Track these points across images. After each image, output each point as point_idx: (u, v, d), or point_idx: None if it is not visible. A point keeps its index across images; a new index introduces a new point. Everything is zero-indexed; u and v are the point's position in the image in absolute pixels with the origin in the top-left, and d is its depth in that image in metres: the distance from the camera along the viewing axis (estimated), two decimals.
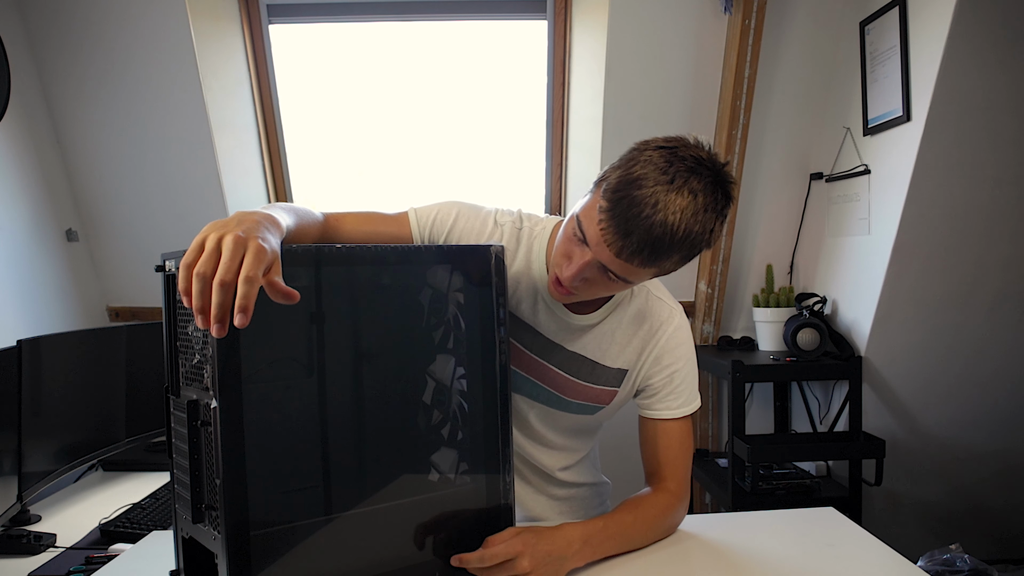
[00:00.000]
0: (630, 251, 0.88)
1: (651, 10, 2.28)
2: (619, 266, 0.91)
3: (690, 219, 0.87)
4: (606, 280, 0.95)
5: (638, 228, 0.86)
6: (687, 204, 0.86)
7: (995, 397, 2.36)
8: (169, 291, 0.86)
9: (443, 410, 0.94)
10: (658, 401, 1.12)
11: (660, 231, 0.86)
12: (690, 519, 1.17)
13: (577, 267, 0.94)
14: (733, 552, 1.06)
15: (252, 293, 0.67)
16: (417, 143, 2.77)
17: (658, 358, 1.11)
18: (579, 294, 0.99)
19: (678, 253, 0.90)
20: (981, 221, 2.13)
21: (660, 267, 0.93)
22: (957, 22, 1.86)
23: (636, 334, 1.11)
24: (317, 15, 2.56)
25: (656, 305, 1.13)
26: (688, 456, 1.14)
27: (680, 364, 1.12)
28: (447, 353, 0.95)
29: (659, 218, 0.86)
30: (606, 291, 0.99)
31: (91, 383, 1.88)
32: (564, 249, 0.97)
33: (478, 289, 0.97)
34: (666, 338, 1.11)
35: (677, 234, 0.87)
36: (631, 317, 1.12)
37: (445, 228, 1.10)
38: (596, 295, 1.01)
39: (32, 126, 2.26)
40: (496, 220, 1.12)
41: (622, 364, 1.12)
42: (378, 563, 0.88)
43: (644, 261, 0.89)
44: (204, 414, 0.79)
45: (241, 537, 0.77)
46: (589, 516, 1.25)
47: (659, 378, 1.11)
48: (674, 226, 0.86)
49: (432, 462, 0.93)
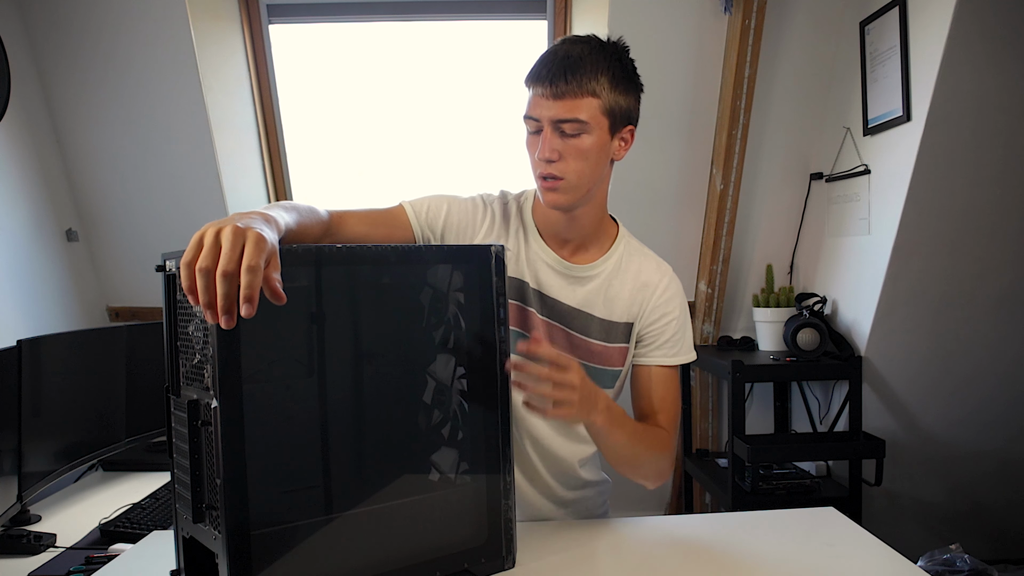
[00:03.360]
0: (557, 80, 1.01)
1: (651, 10, 2.28)
2: (562, 108, 1.02)
3: (590, 39, 1.05)
4: (569, 140, 1.04)
5: (548, 62, 1.03)
6: (582, 36, 1.06)
7: (995, 397, 2.36)
8: (169, 291, 0.86)
9: (443, 410, 0.94)
10: (655, 349, 1.19)
11: (564, 51, 1.03)
12: (690, 519, 1.17)
13: (544, 143, 1.04)
14: (733, 552, 1.06)
15: (256, 282, 0.69)
16: (417, 143, 2.77)
17: (655, 308, 1.18)
18: (566, 177, 1.06)
19: (598, 67, 1.02)
20: (981, 221, 2.13)
21: (592, 89, 1.02)
22: (957, 22, 1.86)
23: (633, 287, 1.19)
24: (317, 15, 2.56)
25: (649, 263, 1.21)
26: (678, 403, 1.21)
27: (676, 313, 1.19)
28: (447, 353, 0.95)
29: (562, 47, 1.04)
30: (578, 158, 1.05)
31: (91, 383, 1.88)
32: (531, 152, 1.08)
33: (478, 289, 0.97)
34: (661, 289, 1.19)
35: (587, 48, 1.03)
36: (627, 270, 1.20)
37: (440, 218, 1.16)
38: (578, 171, 1.06)
39: (32, 126, 2.26)
40: (484, 201, 1.20)
41: (627, 318, 1.18)
42: (378, 563, 0.88)
43: (572, 86, 1.01)
44: (204, 414, 0.79)
45: (241, 537, 0.77)
46: (593, 517, 1.27)
47: (656, 327, 1.18)
48: (576, 44, 1.04)
49: (432, 462, 0.93)
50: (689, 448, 2.72)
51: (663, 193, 2.56)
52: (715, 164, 2.49)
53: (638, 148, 2.45)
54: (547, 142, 1.04)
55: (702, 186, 2.56)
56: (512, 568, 1.01)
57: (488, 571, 0.98)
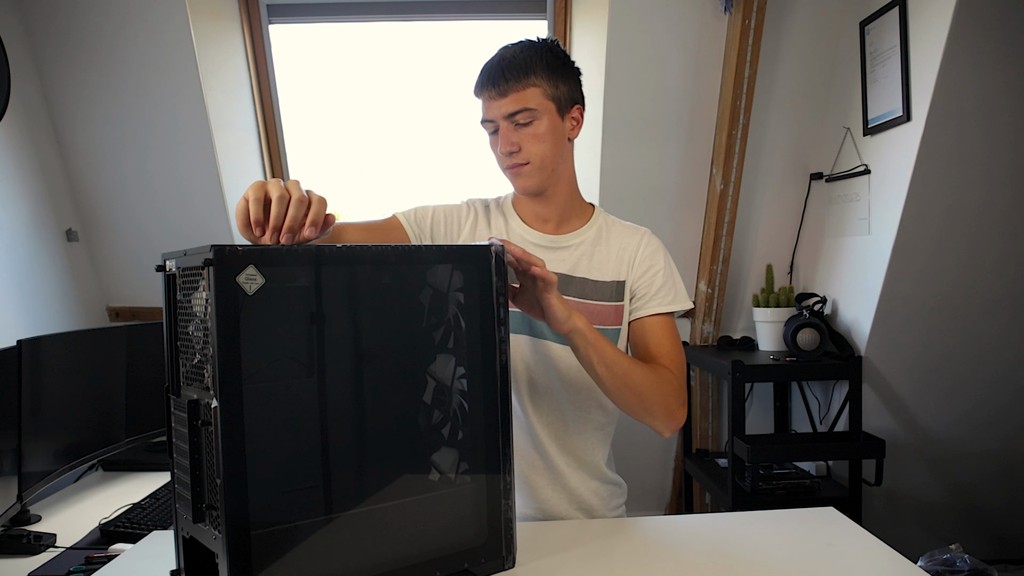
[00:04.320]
0: (499, 80, 1.13)
1: (651, 10, 2.28)
2: (510, 102, 1.13)
3: (521, 42, 1.17)
4: (524, 130, 1.15)
5: (489, 69, 1.15)
6: (515, 42, 1.18)
7: (995, 397, 2.36)
8: (170, 291, 0.86)
9: (444, 410, 0.94)
10: (649, 300, 1.23)
11: (499, 56, 1.16)
12: (690, 519, 1.17)
13: (503, 138, 1.15)
14: (733, 552, 1.06)
15: (322, 211, 0.87)
16: (417, 143, 2.77)
17: (641, 262, 1.25)
18: (530, 160, 1.16)
19: (532, 61, 1.14)
20: (981, 221, 2.13)
21: (531, 80, 1.13)
22: (957, 22, 1.86)
23: (617, 248, 1.26)
24: (317, 15, 2.56)
25: (627, 228, 1.29)
26: (680, 349, 1.22)
27: (661, 264, 1.25)
28: (447, 353, 0.95)
29: (497, 55, 1.16)
30: (536, 142, 1.16)
31: (91, 383, 1.88)
32: (495, 153, 1.20)
33: (479, 289, 0.97)
34: (643, 246, 1.26)
35: (519, 48, 1.15)
36: (608, 237, 1.27)
37: (428, 218, 1.26)
38: (539, 153, 1.17)
39: (32, 126, 2.26)
40: (468, 204, 1.31)
41: (618, 276, 1.25)
42: (378, 563, 0.88)
43: (513, 82, 1.12)
44: (205, 414, 0.79)
45: (241, 536, 0.77)
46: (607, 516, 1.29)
47: (645, 279, 1.24)
48: (509, 49, 1.16)
49: (433, 462, 0.93)
50: (689, 448, 2.72)
51: (663, 193, 2.56)
52: (715, 164, 2.49)
53: (638, 148, 2.47)
54: (505, 136, 1.16)
55: (702, 186, 2.56)
56: (512, 568, 1.01)
57: (488, 571, 0.98)
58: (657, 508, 2.84)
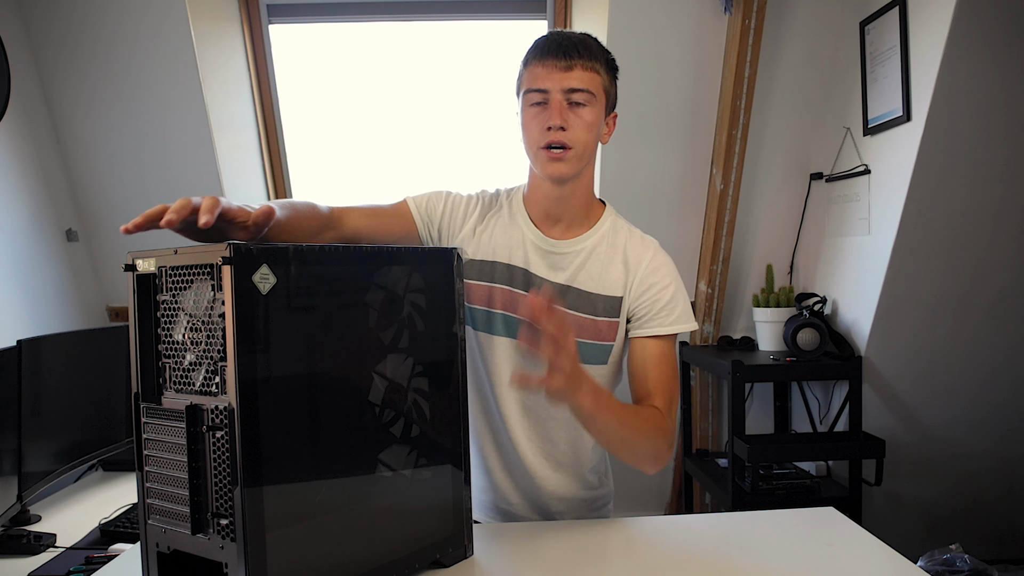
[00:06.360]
0: (571, 53, 1.09)
1: (651, 10, 2.28)
2: (575, 78, 1.09)
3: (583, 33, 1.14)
4: (577, 110, 1.10)
5: (556, 39, 1.11)
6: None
7: (995, 397, 2.36)
8: (141, 291, 0.83)
9: (396, 408, 0.92)
10: (649, 320, 1.18)
11: (567, 34, 1.12)
12: (690, 519, 1.17)
13: (554, 110, 1.09)
14: (733, 552, 1.06)
15: (215, 203, 0.81)
16: (417, 143, 2.77)
17: (642, 280, 1.18)
18: (574, 146, 1.10)
19: (598, 50, 1.12)
20: (981, 221, 2.13)
21: (596, 67, 1.11)
22: (957, 22, 1.86)
23: (620, 261, 1.20)
24: (317, 15, 2.56)
25: (634, 239, 1.22)
26: (675, 383, 1.18)
27: (666, 282, 1.18)
28: (400, 352, 0.93)
29: (563, 32, 1.13)
30: (584, 129, 1.11)
31: (91, 383, 1.88)
32: (534, 123, 1.12)
33: (440, 289, 0.98)
34: (646, 262, 1.19)
35: (584, 36, 1.12)
36: (612, 245, 1.21)
37: (438, 209, 1.22)
38: (584, 142, 1.11)
39: (32, 126, 2.26)
40: (477, 196, 1.26)
41: (615, 292, 1.19)
42: (359, 563, 0.88)
43: (583, 59, 1.09)
44: (211, 418, 0.76)
45: (258, 542, 0.75)
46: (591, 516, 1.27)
47: (646, 299, 1.18)
48: (575, 33, 1.13)
49: (388, 460, 0.91)
50: (689, 448, 2.72)
51: (663, 193, 2.56)
52: (715, 164, 2.49)
53: (638, 148, 2.47)
54: (557, 110, 1.09)
55: (702, 186, 2.56)
56: (472, 556, 1.03)
57: (454, 560, 1.00)
58: (657, 508, 2.84)
